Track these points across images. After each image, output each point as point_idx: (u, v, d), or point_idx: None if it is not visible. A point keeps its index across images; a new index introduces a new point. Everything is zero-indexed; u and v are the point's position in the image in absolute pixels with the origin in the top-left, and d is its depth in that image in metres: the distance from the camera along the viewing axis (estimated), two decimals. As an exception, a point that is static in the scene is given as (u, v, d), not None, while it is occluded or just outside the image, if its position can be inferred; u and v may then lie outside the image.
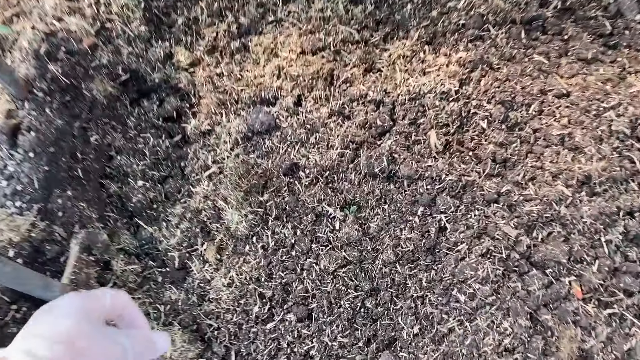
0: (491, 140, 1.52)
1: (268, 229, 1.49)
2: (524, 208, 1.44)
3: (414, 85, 1.57)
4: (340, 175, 1.52)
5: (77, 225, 1.44)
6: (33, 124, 1.40)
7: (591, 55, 1.68)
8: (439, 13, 1.77)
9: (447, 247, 1.40)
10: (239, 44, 1.79)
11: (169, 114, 1.70)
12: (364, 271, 1.43)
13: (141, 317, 0.80)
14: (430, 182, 1.44)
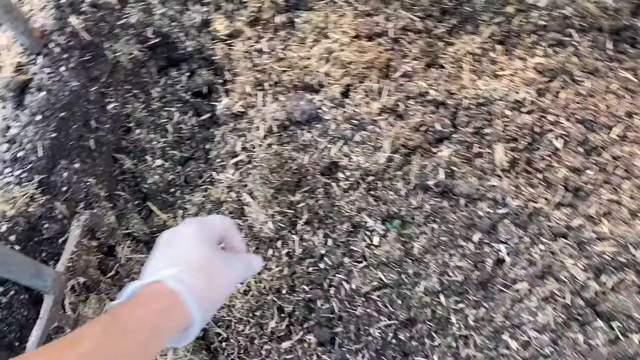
0: (565, 163, 1.31)
1: (296, 234, 1.30)
2: (596, 248, 1.23)
3: (483, 89, 1.36)
4: (386, 182, 1.32)
5: (82, 204, 1.26)
6: (44, 83, 1.22)
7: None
8: (516, 10, 1.55)
9: (503, 283, 1.19)
10: (285, 18, 1.59)
11: (198, 89, 1.51)
12: (401, 297, 1.23)
13: (239, 239, 0.86)
14: (492, 205, 1.24)
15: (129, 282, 1.20)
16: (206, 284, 0.79)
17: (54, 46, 1.25)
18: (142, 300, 0.75)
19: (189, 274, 0.77)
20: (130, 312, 0.72)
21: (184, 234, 0.85)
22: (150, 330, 0.71)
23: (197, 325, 0.76)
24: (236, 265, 0.86)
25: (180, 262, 0.79)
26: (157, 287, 0.76)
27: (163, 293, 0.75)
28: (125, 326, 0.69)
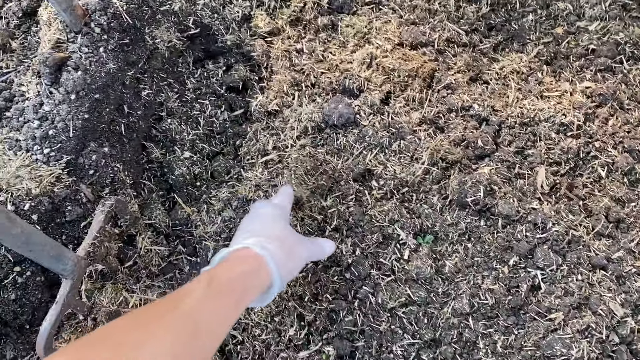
0: (607, 192, 1.26)
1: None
2: (635, 283, 1.18)
3: (528, 108, 1.32)
4: (421, 195, 1.27)
5: (108, 190, 1.22)
6: (82, 62, 1.19)
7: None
8: (565, 31, 1.51)
9: (537, 311, 1.14)
10: (327, 20, 1.55)
11: (234, 84, 1.48)
12: (428, 316, 1.18)
13: None
14: (531, 229, 1.19)
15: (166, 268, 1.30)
16: (284, 253, 0.90)
17: (94, 26, 1.22)
18: (232, 263, 0.86)
19: (270, 244, 0.90)
20: (224, 273, 0.81)
21: (262, 214, 1.01)
22: (242, 289, 0.81)
23: (276, 286, 0.88)
24: (309, 244, 1.02)
25: (262, 234, 0.93)
26: (245, 252, 0.88)
27: (250, 257, 0.87)
28: (221, 286, 0.78)
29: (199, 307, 0.74)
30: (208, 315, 0.74)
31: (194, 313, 0.73)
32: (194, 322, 0.71)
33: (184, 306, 0.72)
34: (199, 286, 0.77)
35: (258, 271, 0.86)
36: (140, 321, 0.71)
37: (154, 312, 0.74)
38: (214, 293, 0.77)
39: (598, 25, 1.49)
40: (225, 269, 0.84)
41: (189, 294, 0.76)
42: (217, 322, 0.76)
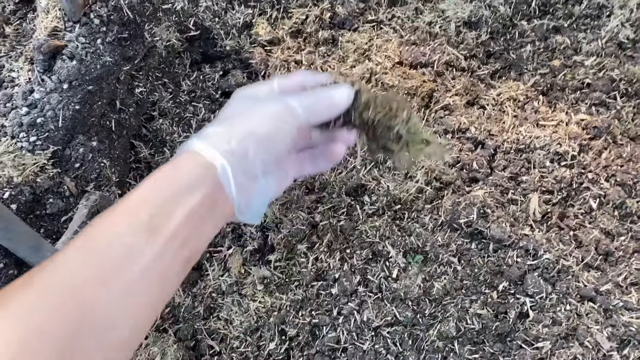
0: (598, 224, 1.26)
1: (311, 254, 1.22)
2: (622, 317, 1.17)
3: (524, 135, 1.32)
4: (413, 214, 1.25)
5: (92, 185, 1.18)
6: (78, 52, 1.16)
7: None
8: (562, 64, 1.52)
9: (524, 338, 1.12)
10: (328, 34, 1.55)
11: (230, 89, 1.46)
12: (413, 338, 1.15)
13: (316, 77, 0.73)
14: (523, 255, 1.17)
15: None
16: (253, 144, 0.66)
17: (94, 17, 1.20)
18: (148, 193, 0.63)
19: (240, 146, 0.65)
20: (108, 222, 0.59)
21: (241, 96, 0.71)
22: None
23: (227, 171, 0.63)
24: (291, 103, 0.71)
25: (230, 134, 0.66)
26: (188, 161, 0.64)
27: (192, 169, 0.63)
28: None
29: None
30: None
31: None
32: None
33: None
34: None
35: (208, 195, 0.62)
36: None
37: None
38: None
39: (594, 60, 1.50)
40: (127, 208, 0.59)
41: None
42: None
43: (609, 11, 1.55)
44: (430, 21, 1.57)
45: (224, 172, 0.63)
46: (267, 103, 0.72)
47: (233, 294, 1.23)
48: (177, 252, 0.61)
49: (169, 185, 0.63)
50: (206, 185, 0.64)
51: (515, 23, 1.58)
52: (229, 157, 0.65)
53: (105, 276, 0.56)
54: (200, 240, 0.65)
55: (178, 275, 0.64)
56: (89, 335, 0.54)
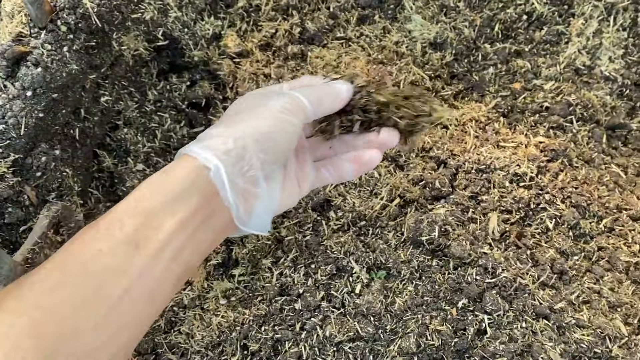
0: (554, 244, 1.31)
1: (276, 268, 1.23)
2: (574, 335, 1.21)
3: (485, 156, 1.36)
4: (377, 230, 1.27)
5: (54, 195, 1.16)
6: (43, 59, 1.14)
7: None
8: (523, 87, 1.58)
9: (481, 355, 1.15)
10: (297, 49, 1.56)
11: (197, 100, 1.45)
12: (374, 353, 1.17)
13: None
14: (482, 273, 1.21)
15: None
16: (253, 146, 0.64)
17: (61, 24, 1.18)
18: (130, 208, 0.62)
19: (244, 147, 0.63)
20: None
21: (247, 97, 0.77)
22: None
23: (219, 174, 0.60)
24: (294, 94, 0.71)
25: (233, 135, 0.66)
26: (184, 166, 0.64)
27: (187, 174, 0.62)
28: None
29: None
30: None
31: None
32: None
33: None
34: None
35: (204, 202, 0.60)
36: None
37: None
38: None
39: (553, 85, 1.56)
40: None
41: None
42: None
43: (567, 38, 1.62)
44: (397, 41, 1.60)
45: (217, 173, 0.58)
46: (273, 98, 0.69)
47: (195, 308, 1.22)
48: (168, 267, 0.56)
49: (159, 193, 0.58)
50: (200, 191, 0.59)
51: (479, 46, 1.63)
52: (223, 157, 0.60)
53: (86, 297, 0.52)
54: (196, 253, 0.60)
55: (169, 292, 0.59)
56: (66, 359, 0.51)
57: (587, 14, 1.61)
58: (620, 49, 1.61)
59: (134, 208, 0.56)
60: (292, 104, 0.69)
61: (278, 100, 0.69)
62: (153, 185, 0.59)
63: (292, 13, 1.62)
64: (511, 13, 1.62)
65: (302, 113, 0.70)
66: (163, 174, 0.60)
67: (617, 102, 1.60)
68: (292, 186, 0.79)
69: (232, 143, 0.61)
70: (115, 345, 0.54)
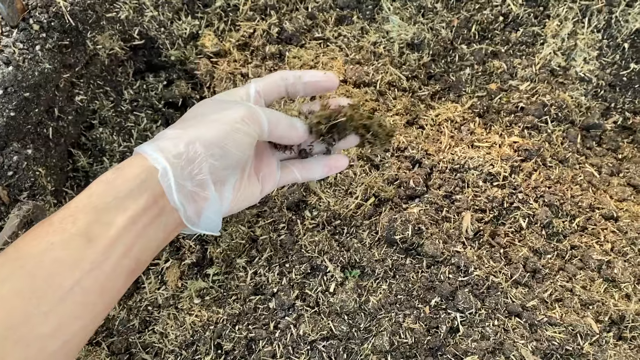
0: (527, 243, 1.32)
1: (250, 268, 1.23)
2: (546, 332, 1.22)
3: (459, 156, 1.37)
4: (352, 229, 1.28)
5: (26, 194, 1.15)
6: (15, 58, 1.13)
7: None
8: (498, 88, 1.60)
9: (454, 353, 1.16)
10: (275, 49, 1.57)
11: (173, 99, 1.45)
12: (348, 352, 1.17)
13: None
14: (454, 271, 1.22)
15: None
16: (202, 151, 0.66)
17: (33, 22, 1.17)
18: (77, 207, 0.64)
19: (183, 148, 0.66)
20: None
21: (185, 120, 0.78)
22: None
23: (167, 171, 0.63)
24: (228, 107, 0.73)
25: (180, 138, 0.69)
26: (133, 165, 0.67)
27: (135, 173, 0.65)
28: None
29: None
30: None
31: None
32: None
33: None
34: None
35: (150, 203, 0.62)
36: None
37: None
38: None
39: (528, 85, 1.58)
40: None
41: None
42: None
43: (542, 39, 1.64)
44: (375, 41, 1.61)
45: (164, 175, 0.61)
46: (232, 108, 0.72)
47: (169, 308, 1.22)
48: (119, 262, 0.59)
49: (110, 191, 0.61)
50: (149, 191, 0.62)
51: (456, 46, 1.64)
52: (173, 160, 0.63)
53: (37, 288, 0.54)
54: (147, 250, 0.63)
55: (120, 286, 0.61)
56: (16, 347, 0.52)
57: (562, 16, 1.63)
58: (594, 50, 1.63)
59: (86, 204, 0.58)
60: (250, 117, 0.71)
61: (237, 111, 0.71)
62: (105, 183, 0.61)
63: (270, 13, 1.62)
64: (488, 14, 1.63)
65: (257, 127, 0.73)
66: (115, 172, 0.63)
67: (591, 103, 1.62)
68: (250, 187, 0.82)
69: (183, 147, 0.64)
70: (66, 333, 0.55)
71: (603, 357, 1.21)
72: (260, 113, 0.74)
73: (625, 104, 1.64)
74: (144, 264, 0.64)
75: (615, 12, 1.61)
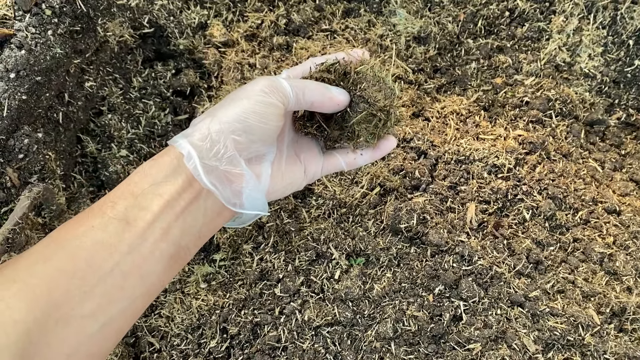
0: (530, 234, 1.33)
1: (257, 254, 1.24)
2: (548, 322, 1.24)
3: (465, 147, 1.38)
4: (357, 218, 1.29)
5: (36, 177, 1.16)
6: (27, 42, 1.14)
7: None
8: (504, 82, 1.61)
9: (457, 340, 1.17)
10: (282, 40, 1.58)
11: (182, 88, 1.46)
12: (351, 338, 1.19)
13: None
14: (458, 260, 1.23)
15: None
16: (240, 131, 0.67)
17: (46, 7, 1.18)
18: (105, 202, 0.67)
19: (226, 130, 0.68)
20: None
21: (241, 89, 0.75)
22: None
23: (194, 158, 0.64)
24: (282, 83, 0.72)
25: (223, 120, 0.70)
26: (166, 155, 0.69)
27: (166, 161, 0.68)
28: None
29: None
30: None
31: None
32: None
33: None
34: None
35: (182, 188, 0.64)
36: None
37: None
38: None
39: (533, 80, 1.59)
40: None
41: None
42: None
43: (548, 35, 1.65)
44: (381, 34, 1.62)
45: (189, 159, 0.62)
46: (252, 82, 0.72)
47: (176, 292, 1.23)
48: (156, 245, 0.60)
49: (146, 178, 0.63)
50: (182, 175, 0.63)
51: (462, 41, 1.65)
52: (198, 143, 0.64)
53: (77, 267, 0.55)
54: (187, 234, 0.64)
55: (160, 271, 0.62)
56: (57, 326, 0.54)
57: (568, 12, 1.64)
58: (599, 46, 1.65)
59: (125, 191, 0.60)
60: (270, 86, 0.71)
61: (256, 84, 0.71)
62: (142, 172, 0.63)
63: (278, 4, 1.63)
64: (494, 9, 1.65)
65: (280, 95, 0.72)
66: (151, 162, 0.65)
67: (595, 99, 1.63)
68: (291, 166, 0.82)
69: (206, 129, 0.65)
70: (105, 315, 0.56)
71: (604, 348, 1.22)
72: (281, 81, 0.73)
73: (629, 101, 1.65)
74: (186, 250, 0.65)
75: (620, 9, 1.62)
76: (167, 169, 0.64)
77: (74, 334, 0.55)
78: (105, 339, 0.58)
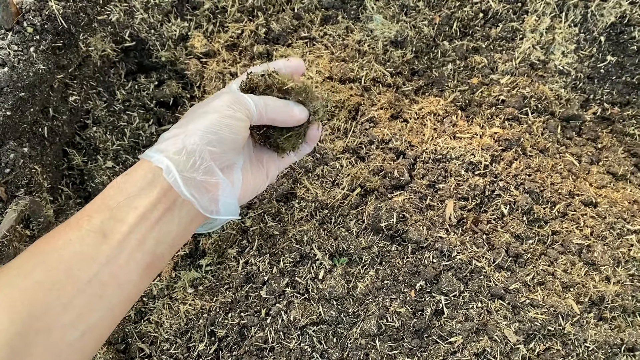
0: (508, 229, 1.37)
1: (242, 257, 1.27)
2: (529, 313, 1.27)
3: (442, 146, 1.42)
4: (339, 218, 1.32)
5: (23, 191, 1.19)
6: (10, 59, 1.18)
7: (622, 171, 1.57)
8: (480, 82, 1.65)
9: (439, 334, 1.20)
10: (262, 49, 1.62)
11: (165, 99, 1.49)
12: (337, 336, 1.22)
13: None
14: (438, 256, 1.26)
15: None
16: (199, 139, 0.71)
17: (27, 25, 1.22)
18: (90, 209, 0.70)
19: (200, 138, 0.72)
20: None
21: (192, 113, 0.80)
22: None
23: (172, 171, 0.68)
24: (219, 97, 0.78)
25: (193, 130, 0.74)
26: (139, 170, 0.73)
27: (142, 175, 0.71)
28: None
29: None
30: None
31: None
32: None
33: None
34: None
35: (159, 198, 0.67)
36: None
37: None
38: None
39: (509, 79, 1.63)
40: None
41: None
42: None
43: (522, 34, 1.69)
44: (359, 39, 1.66)
45: (168, 172, 0.66)
46: (217, 97, 0.77)
47: (164, 298, 1.26)
48: (132, 256, 0.63)
49: (121, 192, 0.66)
50: (157, 188, 0.67)
51: (438, 43, 1.69)
52: (174, 156, 0.68)
53: (57, 279, 0.58)
54: (162, 243, 0.67)
55: (137, 279, 0.65)
56: (38, 336, 0.57)
57: (540, 11, 1.68)
58: (572, 43, 1.69)
59: (100, 205, 0.64)
60: (236, 101, 0.77)
61: (222, 99, 0.76)
62: (116, 186, 0.67)
63: (257, 14, 1.67)
64: (468, 11, 1.69)
65: (245, 109, 0.78)
66: (124, 177, 0.68)
67: (571, 95, 1.67)
68: (257, 171, 0.87)
69: (181, 143, 0.69)
70: (84, 324, 0.59)
71: (584, 337, 1.26)
72: (245, 97, 0.78)
73: (603, 96, 1.69)
74: (161, 258, 0.68)
75: (590, 6, 1.67)
76: (142, 182, 0.67)
77: (55, 343, 0.58)
78: (86, 346, 0.61)
